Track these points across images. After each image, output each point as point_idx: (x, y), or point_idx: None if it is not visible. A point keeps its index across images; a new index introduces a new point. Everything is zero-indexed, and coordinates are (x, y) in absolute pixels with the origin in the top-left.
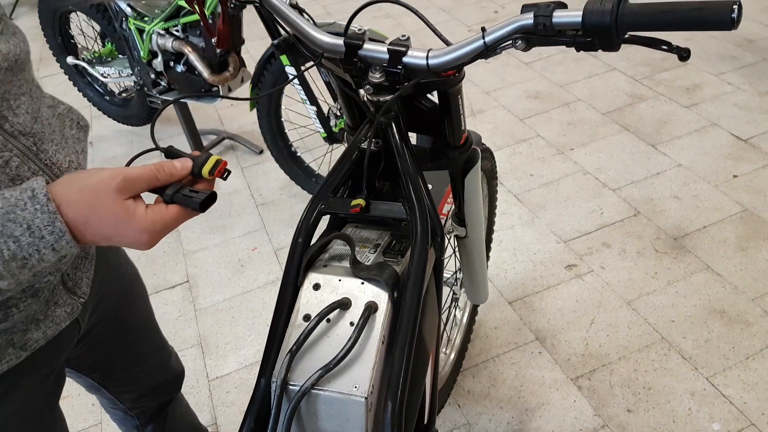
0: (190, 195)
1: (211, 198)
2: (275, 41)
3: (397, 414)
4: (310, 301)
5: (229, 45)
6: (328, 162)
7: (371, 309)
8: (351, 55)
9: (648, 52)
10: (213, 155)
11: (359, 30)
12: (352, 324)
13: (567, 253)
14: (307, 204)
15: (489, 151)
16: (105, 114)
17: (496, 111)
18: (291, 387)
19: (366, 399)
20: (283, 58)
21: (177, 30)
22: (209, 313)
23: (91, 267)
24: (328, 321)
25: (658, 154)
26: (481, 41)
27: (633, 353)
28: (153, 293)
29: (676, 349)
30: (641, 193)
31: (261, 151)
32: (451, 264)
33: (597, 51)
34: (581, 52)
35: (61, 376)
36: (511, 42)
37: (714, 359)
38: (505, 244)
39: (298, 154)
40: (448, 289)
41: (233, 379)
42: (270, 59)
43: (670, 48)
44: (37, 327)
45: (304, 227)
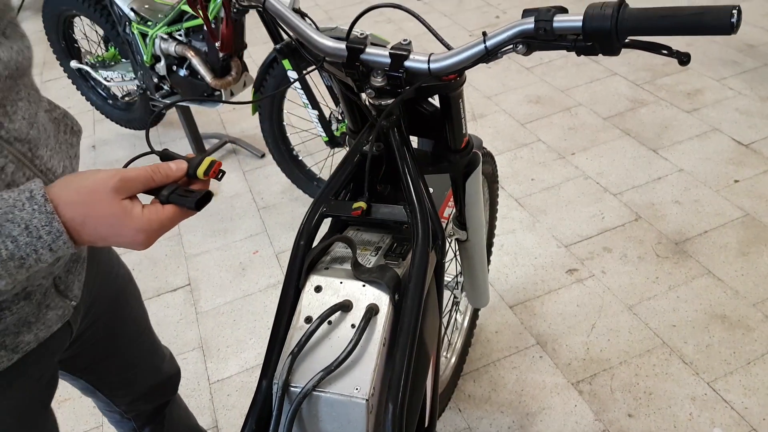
0: (185, 195)
1: (206, 197)
2: (277, 46)
3: (398, 416)
4: (311, 303)
5: (232, 49)
6: (329, 166)
7: (372, 311)
8: (353, 59)
9: (649, 57)
10: (207, 156)
11: (361, 34)
12: (353, 326)
13: (568, 257)
14: (309, 207)
15: (490, 155)
16: (108, 118)
17: (497, 115)
18: (292, 389)
19: (367, 401)
20: (285, 63)
21: (180, 34)
22: (210, 316)
23: (83, 270)
24: (330, 323)
25: (659, 158)
26: (482, 45)
27: (634, 358)
28: (154, 296)
29: (677, 354)
30: (642, 197)
31: (263, 155)
32: (452, 268)
33: (597, 55)
34: (582, 56)
35: (53, 379)
36: (512, 46)
37: (715, 364)
38: (506, 249)
39: (300, 158)
40: (449, 293)
41: (234, 382)
42: (272, 64)
43: (671, 52)
44: (29, 329)
45: (306, 230)
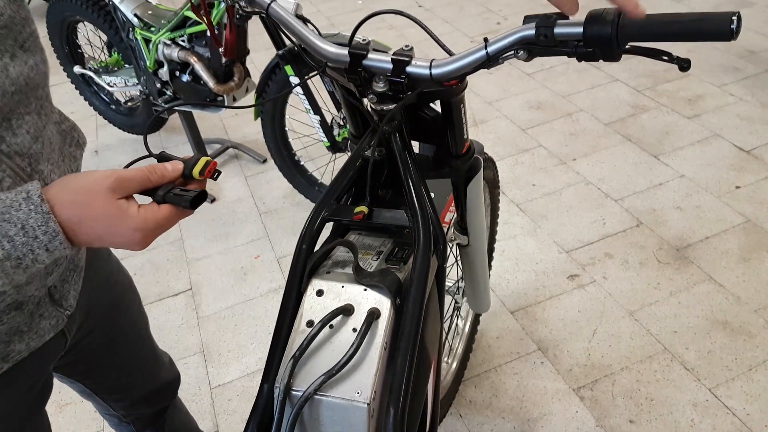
0: (180, 194)
1: (200, 196)
2: (280, 52)
3: (399, 420)
4: (313, 307)
5: (235, 55)
6: (331, 171)
7: (374, 315)
8: (355, 64)
9: (650, 63)
10: (203, 156)
11: (363, 40)
12: (354, 330)
13: (569, 263)
14: (311, 211)
15: (491, 161)
16: (111, 123)
17: (498, 121)
18: (294, 392)
19: (368, 405)
20: (288, 69)
21: (183, 40)
22: (212, 321)
23: (80, 280)
24: (331, 327)
25: (660, 164)
26: (483, 51)
27: (635, 364)
28: (156, 301)
29: (678, 360)
30: (644, 203)
31: (264, 160)
32: (454, 273)
33: (598, 61)
34: (583, 62)
35: (47, 386)
36: (513, 52)
37: (717, 370)
38: (507, 254)
39: (302, 163)
40: (450, 298)
41: (235, 387)
42: (274, 69)
43: (671, 58)
44: (21, 339)
45: (308, 234)
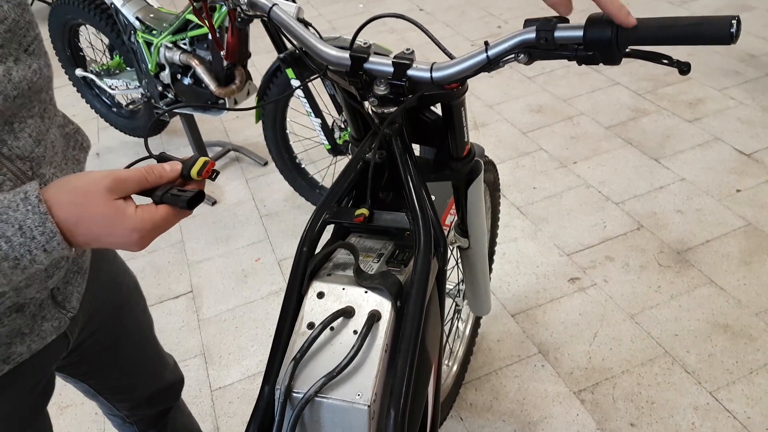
0: (177, 194)
1: (198, 196)
2: (281, 55)
3: (399, 423)
4: (314, 309)
5: (237, 58)
6: (331, 174)
7: (374, 317)
8: (356, 68)
9: (651, 67)
10: (201, 157)
11: (365, 44)
12: (355, 332)
13: (570, 266)
14: (312, 213)
15: (492, 164)
16: (112, 125)
17: (499, 124)
18: (294, 394)
19: (369, 407)
20: (289, 72)
21: (185, 43)
22: (212, 323)
23: (83, 282)
24: (332, 329)
25: (661, 168)
26: (484, 55)
27: (636, 367)
28: (157, 303)
29: (679, 363)
30: (644, 206)
31: (266, 163)
32: (454, 276)
33: (598, 65)
34: (583, 66)
35: (48, 386)
36: (513, 56)
37: (717, 373)
38: (508, 257)
39: (303, 166)
40: (450, 301)
41: (236, 390)
42: (276, 72)
43: (671, 62)
44: (22, 341)
45: (309, 236)
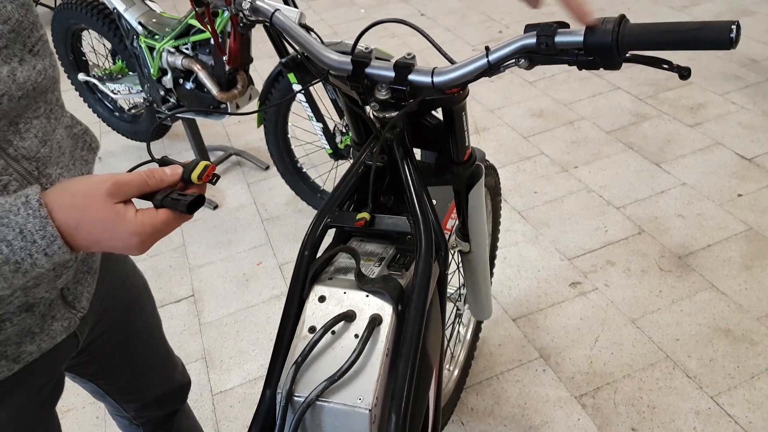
0: (178, 198)
1: (198, 200)
2: (283, 60)
3: (400, 427)
4: (315, 313)
5: (239, 63)
6: (333, 178)
7: (376, 321)
8: (358, 72)
9: (652, 72)
10: (202, 161)
11: (366, 49)
12: (356, 336)
13: (571, 270)
14: (314, 217)
15: (493, 168)
16: (114, 130)
17: (500, 129)
18: (296, 398)
19: (370, 411)
20: (291, 76)
21: (187, 48)
22: (214, 328)
23: (93, 282)
24: (333, 333)
25: (662, 172)
26: (484, 60)
27: (637, 371)
28: (158, 307)
29: (680, 367)
30: (645, 211)
31: (267, 167)
32: (455, 280)
33: (599, 69)
34: (584, 71)
35: (58, 386)
36: (514, 61)
37: (719, 378)
38: (509, 261)
39: (304, 170)
40: (451, 305)
41: (237, 394)
42: (278, 77)
43: (671, 67)
44: (32, 340)
45: (310, 240)
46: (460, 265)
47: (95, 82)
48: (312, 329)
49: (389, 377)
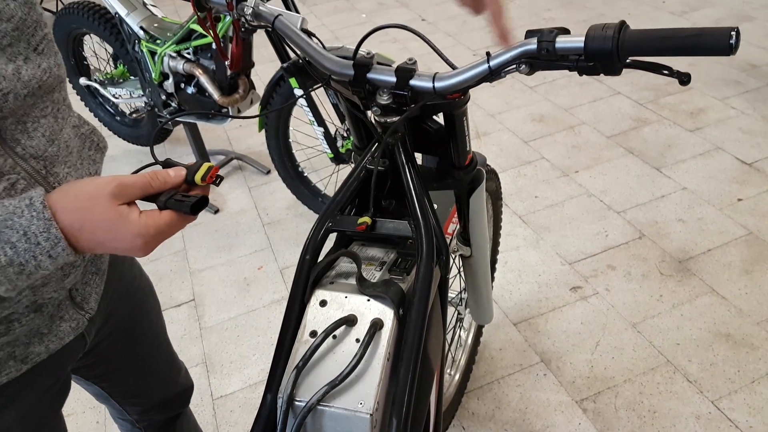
0: (181, 199)
1: (201, 202)
2: (285, 64)
3: (401, 431)
4: (316, 317)
5: (240, 68)
6: (334, 182)
7: (377, 326)
8: (359, 77)
9: (652, 77)
10: (205, 162)
11: (368, 54)
12: (357, 341)
13: (572, 274)
14: (315, 221)
15: (494, 173)
16: (115, 134)
17: (501, 133)
18: (297, 403)
19: (371, 415)
20: (292, 81)
21: (188, 53)
22: (214, 332)
23: (102, 283)
24: (334, 337)
25: (662, 177)
26: (485, 65)
27: (638, 376)
28: None
29: (681, 372)
30: (646, 215)
31: (268, 171)
32: (456, 284)
33: (599, 75)
34: (585, 76)
35: (65, 387)
36: (515, 66)
37: (719, 383)
38: (510, 265)
39: (305, 175)
40: (452, 309)
41: (237, 398)
42: (279, 82)
43: (671, 72)
44: (40, 341)
45: (312, 244)
46: (461, 269)
47: (97, 86)
48: (313, 333)
49: (390, 382)
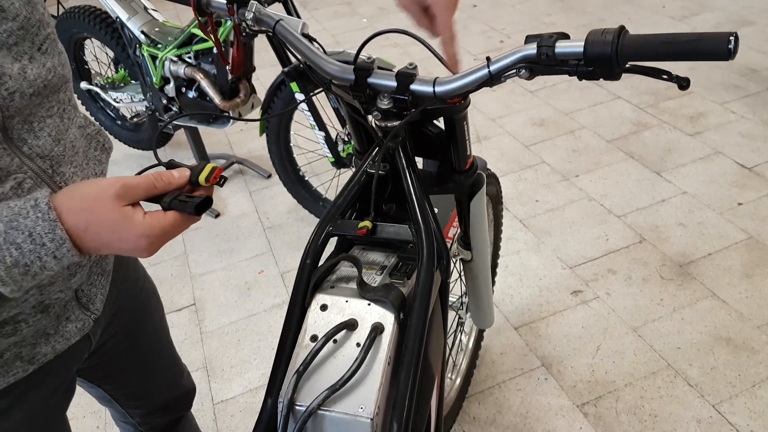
0: (185, 200)
1: (205, 202)
2: (286, 69)
3: None
4: (317, 321)
5: (242, 72)
6: (335, 186)
7: (377, 330)
8: (360, 82)
9: (652, 81)
10: (209, 163)
11: (368, 58)
12: (358, 345)
13: (573, 278)
14: (316, 226)
15: (494, 177)
16: (116, 138)
17: (501, 138)
18: (297, 407)
19: (372, 420)
20: (293, 85)
21: (189, 57)
22: (215, 336)
23: (107, 284)
24: (335, 342)
25: (662, 181)
26: (485, 70)
27: (639, 380)
28: None
29: (682, 376)
30: (646, 219)
31: (269, 176)
32: (457, 288)
33: (599, 80)
34: (584, 80)
35: (70, 389)
36: (515, 71)
37: (720, 387)
38: (510, 269)
39: (306, 179)
40: (453, 314)
41: (238, 403)
42: (280, 86)
43: (670, 77)
44: (47, 341)
45: (313, 249)
46: (462, 273)
47: (97, 90)
48: (314, 338)
49: (391, 386)
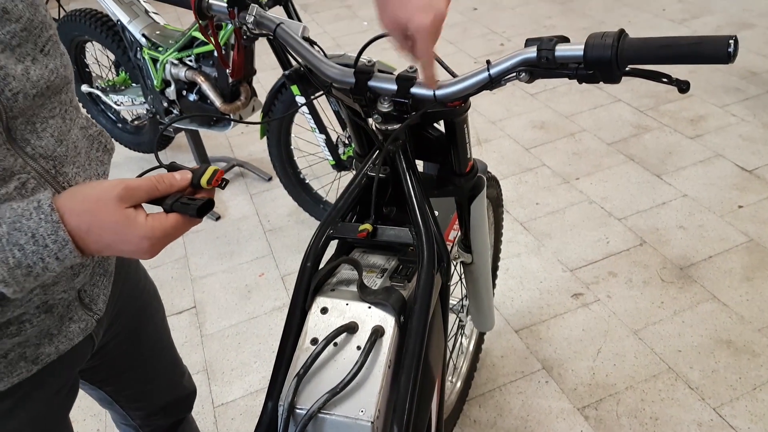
0: (187, 202)
1: (207, 204)
2: (286, 72)
3: None
4: (317, 324)
5: (242, 75)
6: (336, 189)
7: (378, 333)
8: (361, 85)
9: (652, 84)
10: (210, 166)
11: (369, 62)
12: (358, 348)
13: (573, 281)
14: (316, 229)
15: (494, 179)
16: (117, 141)
17: (501, 140)
18: (298, 411)
19: (372, 423)
20: (294, 88)
21: (190, 60)
22: (215, 339)
23: (109, 284)
24: (335, 345)
25: (663, 184)
26: (486, 73)
27: (640, 383)
28: None
29: (682, 379)
30: (647, 222)
31: (270, 178)
32: (458, 291)
33: (598, 83)
34: (584, 83)
35: (73, 390)
36: (515, 74)
37: (721, 390)
38: (511, 272)
39: (307, 181)
40: (454, 316)
41: (238, 406)
42: (281, 89)
43: (670, 80)
44: (50, 342)
45: (313, 252)
46: (463, 276)
47: (98, 93)
48: (314, 341)
49: (391, 389)
